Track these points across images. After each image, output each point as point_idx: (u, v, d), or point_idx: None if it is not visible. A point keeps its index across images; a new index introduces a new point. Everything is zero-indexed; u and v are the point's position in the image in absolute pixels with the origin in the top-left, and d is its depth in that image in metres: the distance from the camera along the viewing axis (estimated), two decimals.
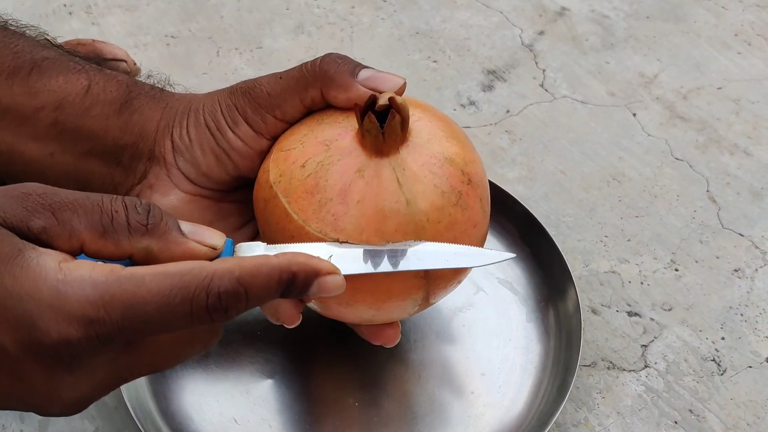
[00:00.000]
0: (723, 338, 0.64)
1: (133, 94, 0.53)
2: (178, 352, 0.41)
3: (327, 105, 0.51)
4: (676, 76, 0.82)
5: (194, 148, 0.52)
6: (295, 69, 0.51)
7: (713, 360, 0.63)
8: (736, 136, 0.77)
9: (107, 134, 0.52)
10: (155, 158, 0.52)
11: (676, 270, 0.68)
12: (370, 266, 0.46)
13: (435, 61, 0.83)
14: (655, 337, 0.64)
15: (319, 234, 0.47)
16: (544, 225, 0.65)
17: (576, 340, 0.59)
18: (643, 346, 0.63)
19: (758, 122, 0.78)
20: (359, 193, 0.48)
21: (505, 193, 0.67)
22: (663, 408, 0.60)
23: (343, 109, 0.50)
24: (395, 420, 0.58)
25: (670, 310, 0.65)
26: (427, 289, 0.50)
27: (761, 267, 0.68)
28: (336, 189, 0.48)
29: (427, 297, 0.51)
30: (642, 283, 0.67)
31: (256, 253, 0.44)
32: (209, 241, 0.42)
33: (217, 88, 0.54)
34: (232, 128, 0.51)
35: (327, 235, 0.47)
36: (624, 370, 0.62)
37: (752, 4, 0.88)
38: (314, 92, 0.50)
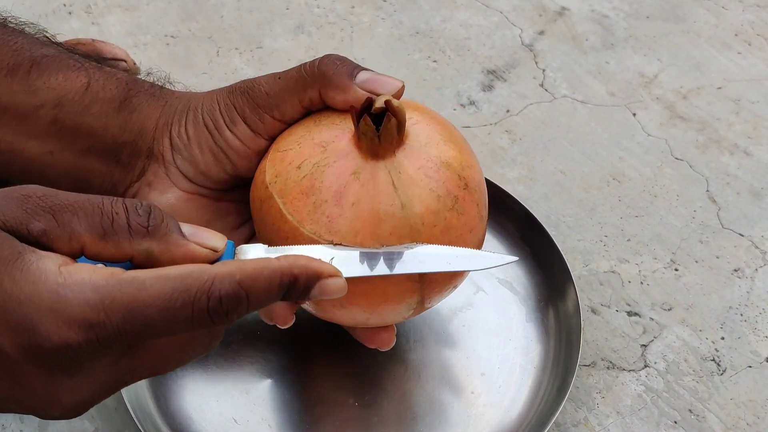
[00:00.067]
0: (723, 338, 0.64)
1: (133, 91, 0.53)
2: (178, 355, 0.41)
3: (325, 106, 0.51)
4: (676, 76, 0.82)
5: (192, 146, 0.52)
6: (294, 69, 0.51)
7: (713, 360, 0.63)
8: (736, 136, 0.77)
9: (107, 132, 0.52)
10: (154, 156, 0.52)
11: (676, 270, 0.68)
12: (370, 269, 0.46)
13: (435, 61, 0.83)
14: (655, 337, 0.64)
15: (313, 236, 0.47)
16: (544, 225, 0.65)
17: (576, 340, 0.59)
18: (643, 345, 0.63)
19: (758, 122, 0.78)
20: (354, 196, 0.47)
21: (505, 192, 0.67)
22: (663, 408, 0.60)
23: (342, 111, 0.50)
24: (395, 420, 0.57)
25: (669, 309, 0.65)
26: (422, 293, 0.50)
27: (761, 267, 0.68)
28: (331, 191, 0.47)
29: (422, 301, 0.51)
30: (642, 283, 0.67)
31: (258, 256, 0.44)
32: (210, 243, 0.42)
33: (217, 88, 0.54)
34: (230, 127, 0.51)
35: (321, 237, 0.47)
36: (624, 369, 0.62)
37: (752, 4, 0.88)
38: (312, 93, 0.50)
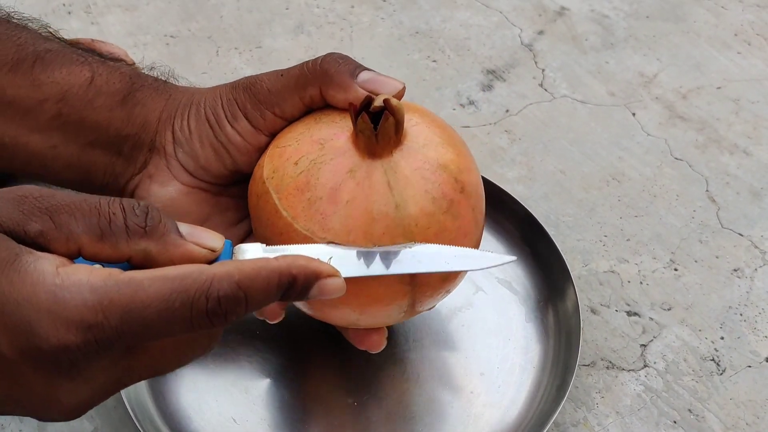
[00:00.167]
0: (722, 338, 0.64)
1: (136, 85, 0.53)
2: (177, 356, 0.41)
3: (327, 105, 0.51)
4: (675, 75, 0.82)
5: (194, 140, 0.52)
6: (297, 67, 0.51)
7: (712, 360, 0.63)
8: (736, 136, 0.77)
9: (110, 125, 0.52)
10: (156, 149, 0.52)
11: (676, 270, 0.68)
12: (367, 268, 0.46)
13: (435, 61, 0.83)
14: (655, 337, 0.64)
15: (307, 232, 0.47)
16: (543, 225, 0.65)
17: (575, 340, 0.59)
18: (643, 345, 0.63)
19: (758, 122, 0.78)
20: (349, 194, 0.47)
21: (505, 192, 0.67)
22: (662, 408, 0.60)
23: (342, 110, 0.50)
24: (394, 420, 0.57)
25: (669, 309, 0.65)
26: (413, 296, 0.50)
27: (761, 267, 0.68)
28: (326, 188, 0.47)
29: (413, 304, 0.51)
30: (641, 283, 0.67)
31: (256, 255, 0.43)
32: (208, 243, 0.42)
33: (221, 84, 0.54)
34: (231, 123, 0.51)
35: (315, 234, 0.47)
36: (623, 369, 0.62)
37: (752, 4, 0.88)
38: (313, 91, 0.50)
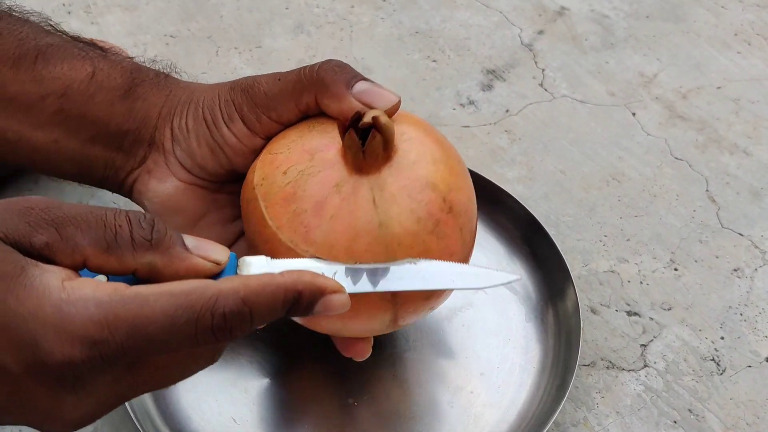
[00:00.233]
0: (722, 338, 0.64)
1: (137, 80, 0.53)
2: (181, 369, 0.41)
3: (322, 112, 0.51)
4: (675, 75, 0.82)
5: (191, 138, 0.52)
6: (294, 72, 0.51)
7: (713, 359, 0.63)
8: (736, 136, 0.77)
9: (111, 120, 0.52)
10: (155, 144, 0.52)
11: (676, 270, 0.68)
12: (373, 286, 0.45)
13: (434, 61, 0.83)
14: (655, 337, 0.64)
15: (290, 244, 0.47)
16: (543, 225, 0.65)
17: (575, 340, 0.59)
18: (643, 345, 0.63)
19: (758, 122, 0.78)
20: (334, 208, 0.47)
21: (505, 192, 0.67)
22: (662, 408, 0.60)
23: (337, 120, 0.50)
24: (394, 419, 0.57)
25: (669, 309, 0.65)
26: (395, 311, 0.49)
27: (761, 267, 0.68)
28: (312, 201, 0.47)
29: (395, 319, 0.50)
30: (641, 283, 0.67)
31: (260, 268, 0.43)
32: (213, 256, 0.41)
33: (221, 82, 0.54)
34: (227, 123, 0.51)
35: (298, 246, 0.47)
36: (623, 369, 0.62)
37: (752, 4, 0.88)
38: (309, 98, 0.50)
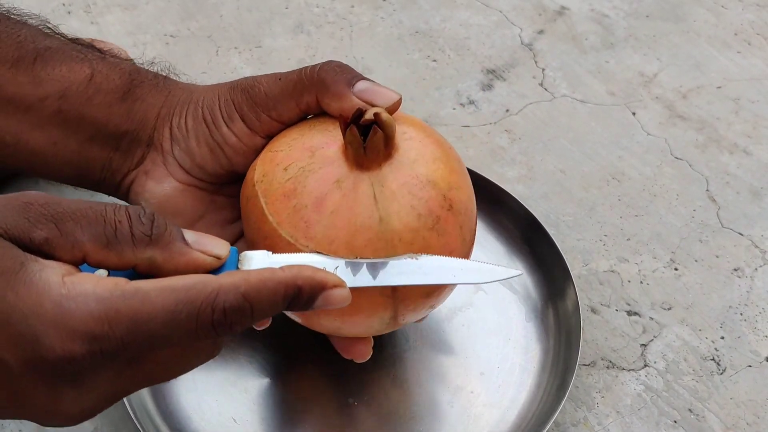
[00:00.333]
0: (722, 337, 0.64)
1: (136, 82, 0.53)
2: (181, 364, 0.41)
3: (323, 111, 0.51)
4: (675, 75, 0.82)
5: (190, 138, 0.52)
6: (295, 72, 0.51)
7: (713, 359, 0.63)
8: (736, 136, 0.77)
9: (109, 122, 0.52)
10: (153, 145, 0.52)
11: (676, 269, 0.68)
12: (373, 278, 0.46)
13: (434, 61, 0.83)
14: (655, 337, 0.64)
15: (290, 239, 0.47)
16: (543, 224, 0.65)
17: (575, 340, 0.59)
18: (643, 345, 0.63)
19: (758, 122, 0.78)
20: (334, 204, 0.47)
21: (505, 192, 0.67)
22: (662, 407, 0.60)
23: (337, 118, 0.50)
24: (394, 419, 0.57)
25: (669, 309, 0.65)
26: (395, 309, 0.50)
27: (761, 266, 0.68)
28: (312, 196, 0.47)
29: (396, 317, 0.50)
30: (641, 283, 0.67)
31: (261, 263, 0.43)
32: (213, 251, 0.41)
33: (221, 83, 0.54)
34: (227, 123, 0.51)
35: (298, 241, 0.47)
36: (623, 369, 0.62)
37: (752, 4, 0.88)
38: (310, 97, 0.50)
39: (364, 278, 0.46)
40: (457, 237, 0.49)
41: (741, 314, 0.65)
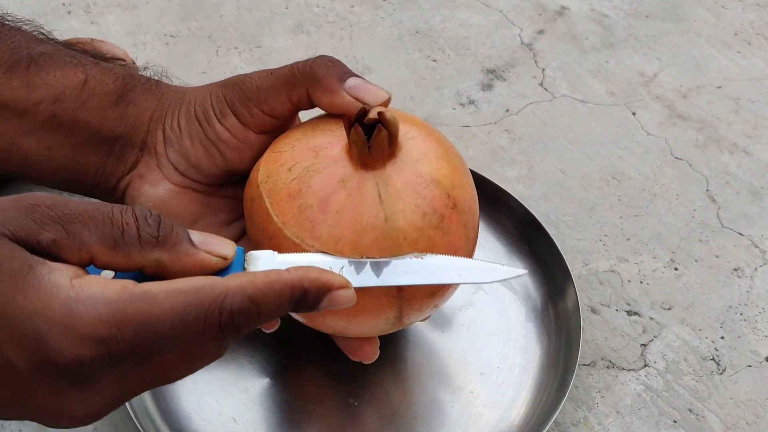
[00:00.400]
0: (722, 337, 0.64)
1: (129, 86, 0.53)
2: (187, 365, 0.41)
3: (314, 106, 0.51)
4: (675, 75, 0.82)
5: (184, 138, 0.52)
6: (287, 66, 0.51)
7: (713, 359, 0.63)
8: (736, 136, 0.77)
9: (103, 126, 0.52)
10: (147, 148, 0.53)
11: (676, 269, 0.68)
12: (377, 279, 0.46)
13: (434, 61, 0.83)
14: (655, 337, 0.64)
15: (296, 239, 0.47)
16: (543, 224, 0.65)
17: (575, 340, 0.59)
18: (643, 345, 0.63)
19: (758, 121, 0.78)
20: (339, 203, 0.47)
21: (505, 192, 0.67)
22: (662, 407, 0.60)
23: (340, 118, 0.50)
24: (394, 419, 0.57)
25: (669, 309, 0.65)
26: (400, 308, 0.50)
27: (761, 266, 0.68)
28: (317, 196, 0.47)
29: (401, 317, 0.50)
30: (641, 283, 0.67)
31: (267, 263, 0.44)
32: (220, 252, 0.42)
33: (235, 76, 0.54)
34: (219, 119, 0.51)
35: (303, 241, 0.47)
36: (623, 369, 0.62)
37: (752, 4, 0.88)
38: (301, 91, 0.50)
39: (369, 278, 0.46)
40: (462, 235, 0.49)
41: (741, 314, 0.65)
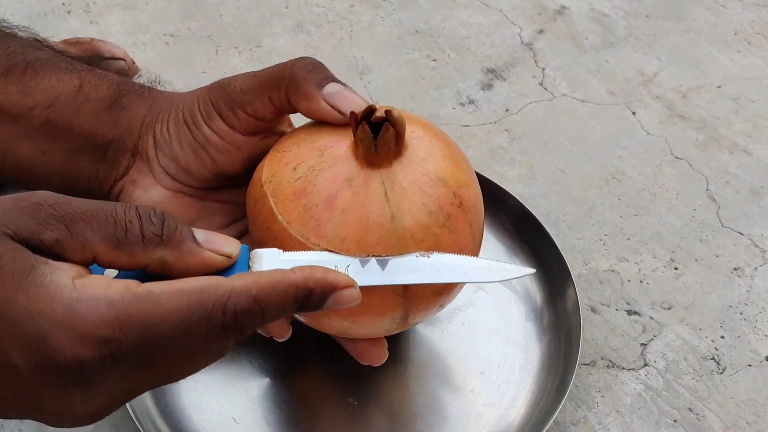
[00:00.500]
0: (722, 337, 0.64)
1: (123, 92, 0.53)
2: (190, 365, 0.41)
3: (304, 116, 0.51)
4: (675, 74, 0.82)
5: (173, 143, 0.52)
6: (270, 68, 0.51)
7: (713, 359, 0.63)
8: (736, 135, 0.77)
9: (97, 131, 0.52)
10: (139, 154, 0.53)
11: (676, 269, 0.68)
12: (383, 277, 0.46)
13: (434, 60, 0.83)
14: (655, 336, 0.64)
15: (301, 238, 0.47)
16: (543, 224, 0.65)
17: (575, 339, 0.59)
18: (643, 344, 0.63)
19: (758, 121, 0.78)
20: (345, 202, 0.47)
21: (505, 191, 0.66)
22: (662, 407, 0.60)
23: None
24: (394, 419, 0.57)
25: (669, 308, 0.65)
26: (406, 308, 0.50)
27: (761, 266, 0.68)
28: (323, 195, 0.47)
29: (406, 316, 0.50)
30: (641, 282, 0.67)
31: (272, 262, 0.44)
32: (224, 250, 0.41)
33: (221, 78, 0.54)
34: (207, 122, 0.51)
35: (308, 240, 0.47)
36: (623, 368, 0.62)
37: (752, 3, 0.88)
38: (281, 94, 0.50)
39: (375, 277, 0.46)
40: (468, 234, 0.49)
41: (741, 314, 0.65)
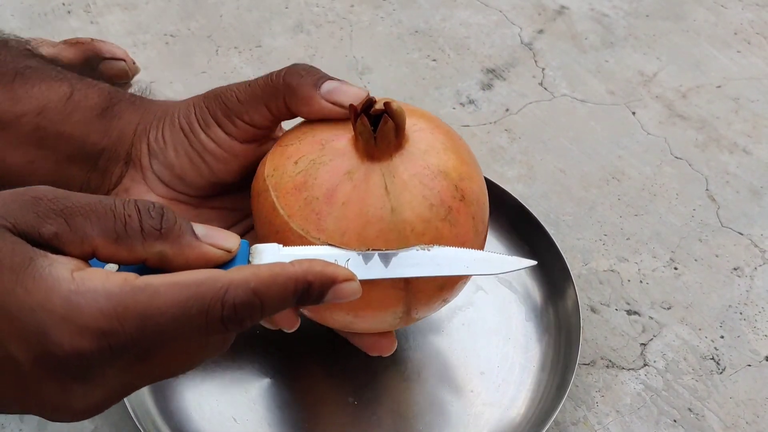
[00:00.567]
0: (722, 337, 0.64)
1: (114, 100, 0.53)
2: (190, 359, 0.41)
3: (306, 120, 0.51)
4: (675, 74, 0.82)
5: (168, 150, 0.52)
6: (264, 78, 0.51)
7: (712, 359, 0.63)
8: (736, 135, 0.77)
9: (87, 139, 0.52)
10: (132, 162, 0.52)
11: (676, 269, 0.68)
12: (384, 271, 0.46)
13: (434, 60, 0.83)
14: (654, 336, 0.64)
15: (301, 232, 0.47)
16: (543, 224, 0.65)
17: (575, 339, 0.59)
18: (642, 344, 0.63)
19: (757, 121, 0.78)
20: (345, 195, 0.47)
21: (505, 191, 0.67)
22: (662, 406, 0.60)
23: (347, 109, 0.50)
24: (394, 419, 0.57)
25: (669, 308, 0.65)
26: (408, 302, 0.49)
27: (760, 266, 0.68)
28: (323, 188, 0.47)
29: (409, 311, 0.50)
30: (641, 282, 0.67)
31: (272, 256, 0.44)
32: (224, 244, 0.41)
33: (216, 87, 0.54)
34: (204, 130, 0.51)
35: (309, 234, 0.47)
36: (623, 368, 0.62)
37: (752, 3, 0.88)
38: (279, 103, 0.50)
39: (375, 270, 0.46)
40: (470, 228, 0.49)
41: (740, 313, 0.65)
